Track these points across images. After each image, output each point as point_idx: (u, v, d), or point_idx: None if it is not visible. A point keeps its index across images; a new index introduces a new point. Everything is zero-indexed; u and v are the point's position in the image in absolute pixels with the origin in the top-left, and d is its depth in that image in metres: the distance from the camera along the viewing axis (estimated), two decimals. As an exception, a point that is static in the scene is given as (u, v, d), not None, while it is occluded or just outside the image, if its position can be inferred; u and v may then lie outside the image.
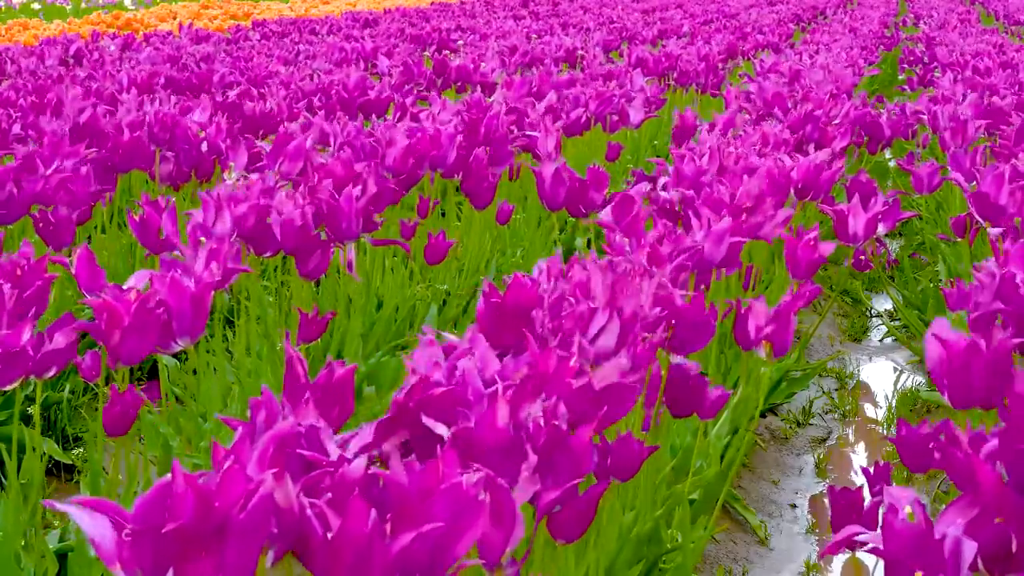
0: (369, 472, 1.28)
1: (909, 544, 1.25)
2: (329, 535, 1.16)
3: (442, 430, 1.43)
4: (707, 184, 3.33)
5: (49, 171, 3.37)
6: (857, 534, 1.38)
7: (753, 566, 2.81)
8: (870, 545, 1.29)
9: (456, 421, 1.47)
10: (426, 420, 1.45)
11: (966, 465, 1.31)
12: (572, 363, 1.57)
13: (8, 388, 2.00)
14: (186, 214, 2.91)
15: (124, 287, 2.11)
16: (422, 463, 1.22)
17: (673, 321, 2.15)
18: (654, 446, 1.87)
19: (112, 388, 2.04)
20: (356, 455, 1.37)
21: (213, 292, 2.27)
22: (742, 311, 2.32)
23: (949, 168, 4.18)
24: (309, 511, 1.18)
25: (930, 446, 1.76)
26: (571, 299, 1.93)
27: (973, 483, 1.28)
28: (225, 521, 1.11)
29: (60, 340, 2.05)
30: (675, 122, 5.18)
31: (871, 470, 1.63)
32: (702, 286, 2.78)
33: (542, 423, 1.47)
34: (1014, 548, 1.27)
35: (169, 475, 1.13)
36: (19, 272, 2.28)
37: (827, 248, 3.00)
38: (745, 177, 3.37)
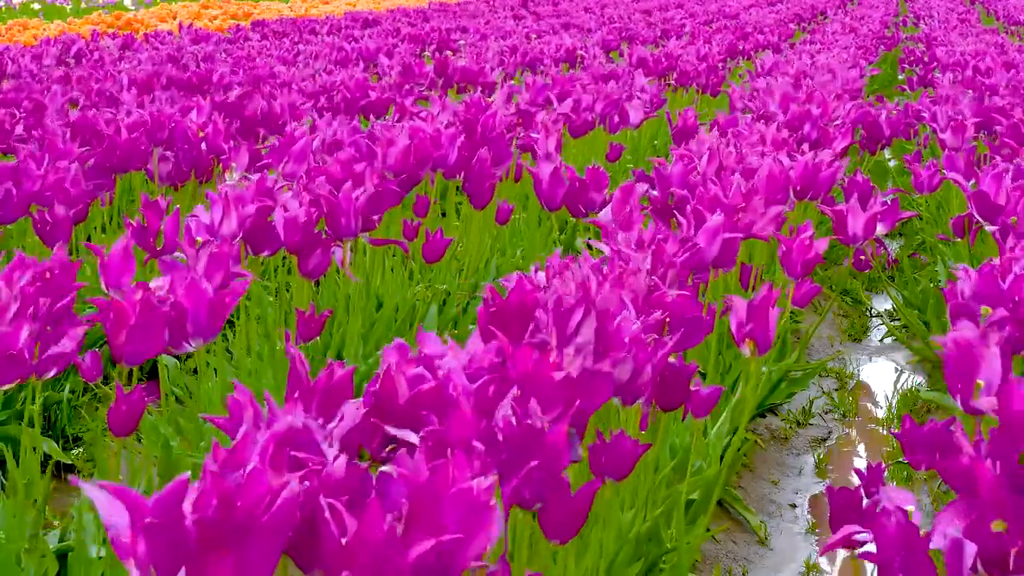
0: (382, 472, 1.28)
1: (898, 546, 1.25)
2: (344, 539, 1.15)
3: (412, 437, 1.43)
4: (699, 184, 3.34)
5: (45, 171, 3.38)
6: (855, 533, 1.38)
7: (753, 566, 2.81)
8: (863, 548, 1.29)
9: (435, 417, 1.48)
10: (391, 430, 1.45)
11: (966, 467, 1.31)
12: (553, 358, 1.57)
13: (7, 387, 2.01)
14: (192, 215, 2.91)
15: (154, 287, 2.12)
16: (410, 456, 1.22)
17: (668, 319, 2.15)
18: (647, 444, 1.87)
19: (118, 387, 2.04)
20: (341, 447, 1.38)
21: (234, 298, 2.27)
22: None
23: (944, 168, 4.19)
24: (326, 512, 1.18)
25: (925, 448, 1.75)
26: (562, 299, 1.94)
27: (972, 485, 1.28)
28: (249, 520, 1.11)
29: (67, 344, 2.05)
30: (676, 122, 5.18)
31: (865, 471, 1.63)
32: (700, 284, 2.78)
33: (514, 420, 1.47)
34: (1013, 550, 1.27)
35: (185, 473, 1.13)
36: (49, 275, 2.26)
37: (822, 246, 3.00)
38: (738, 176, 3.38)
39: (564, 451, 1.48)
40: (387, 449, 1.52)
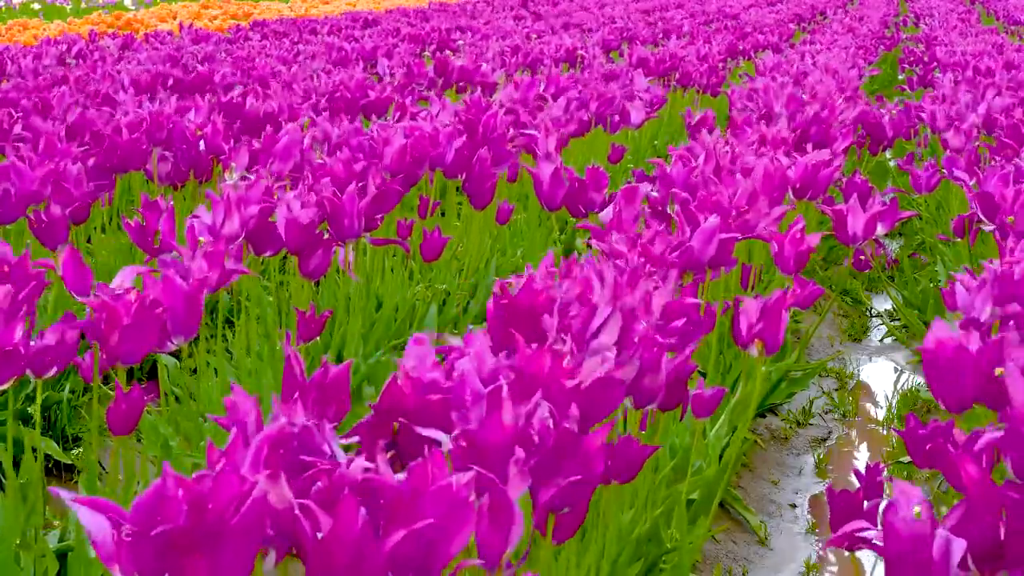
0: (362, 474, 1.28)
1: (908, 542, 1.25)
2: (319, 535, 1.16)
3: (442, 437, 1.43)
4: (698, 184, 3.33)
5: (43, 171, 3.38)
6: (862, 530, 1.38)
7: (753, 566, 2.81)
8: (873, 541, 1.29)
9: (449, 423, 1.47)
10: (422, 431, 1.44)
11: (955, 463, 1.31)
12: (565, 363, 1.57)
13: (3, 387, 2.00)
14: (194, 216, 2.91)
15: (115, 286, 2.11)
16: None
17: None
18: (654, 446, 1.87)
19: (117, 386, 2.04)
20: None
21: (210, 291, 2.27)
22: (739, 310, 2.32)
23: (944, 169, 4.18)
24: (297, 511, 1.18)
25: (927, 446, 1.75)
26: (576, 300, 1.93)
27: (960, 481, 1.29)
28: (219, 524, 1.12)
29: (59, 338, 2.05)
30: (695, 120, 5.17)
31: (865, 471, 1.63)
32: (699, 284, 2.78)
33: (551, 424, 1.47)
34: (1003, 545, 1.27)
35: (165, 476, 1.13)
36: (5, 270, 2.27)
37: (815, 240, 2.99)
38: (739, 176, 3.37)
39: (600, 457, 1.49)
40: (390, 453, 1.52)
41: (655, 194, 3.36)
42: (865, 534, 1.39)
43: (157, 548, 1.11)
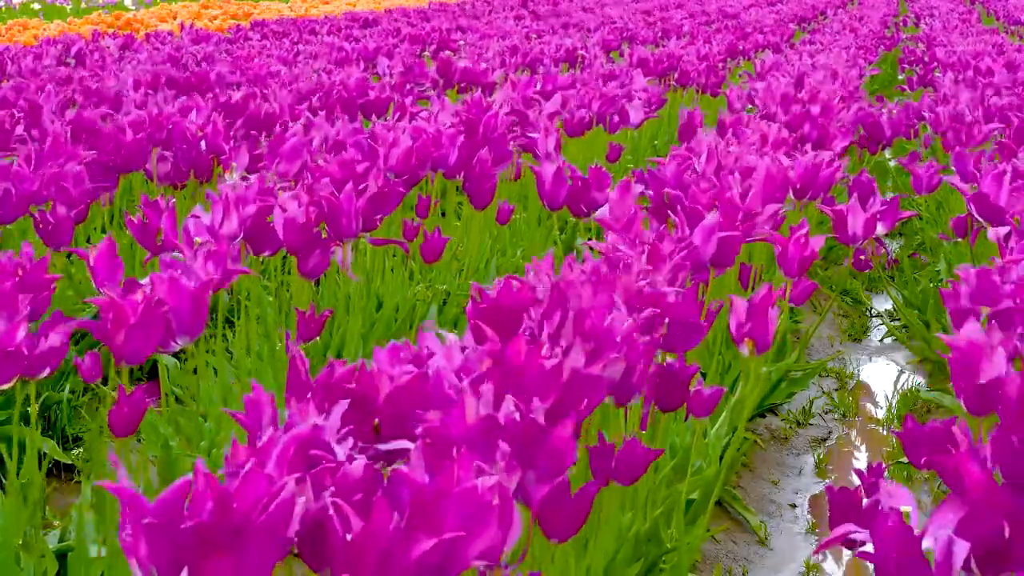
0: (384, 472, 1.28)
1: (895, 546, 1.25)
2: (349, 536, 1.15)
3: (406, 444, 1.43)
4: (693, 183, 3.34)
5: (45, 171, 3.38)
6: (852, 533, 1.38)
7: (753, 566, 2.81)
8: (862, 548, 1.29)
9: (425, 413, 1.48)
10: (383, 447, 1.44)
11: (955, 464, 1.31)
12: (544, 351, 1.57)
13: (5, 387, 2.00)
14: (192, 215, 2.90)
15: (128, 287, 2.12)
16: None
17: (666, 319, 2.15)
18: (658, 450, 1.87)
19: (120, 389, 2.04)
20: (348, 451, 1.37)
21: (212, 291, 2.27)
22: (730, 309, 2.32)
23: (952, 169, 4.18)
24: (331, 511, 1.18)
25: (925, 448, 1.75)
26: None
27: (962, 483, 1.28)
28: (244, 523, 1.11)
29: (55, 339, 2.05)
30: (683, 121, 5.17)
31: (866, 471, 1.63)
32: (700, 284, 2.78)
33: (518, 417, 1.47)
34: (1007, 547, 1.27)
35: (190, 474, 1.13)
36: (20, 272, 2.28)
37: (818, 244, 2.99)
38: (737, 175, 3.37)
39: (569, 449, 1.48)
40: (386, 448, 1.52)
41: (651, 193, 3.37)
42: (857, 536, 1.39)
43: (178, 543, 1.10)
